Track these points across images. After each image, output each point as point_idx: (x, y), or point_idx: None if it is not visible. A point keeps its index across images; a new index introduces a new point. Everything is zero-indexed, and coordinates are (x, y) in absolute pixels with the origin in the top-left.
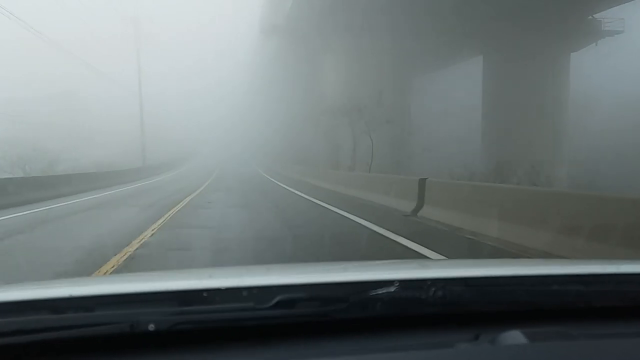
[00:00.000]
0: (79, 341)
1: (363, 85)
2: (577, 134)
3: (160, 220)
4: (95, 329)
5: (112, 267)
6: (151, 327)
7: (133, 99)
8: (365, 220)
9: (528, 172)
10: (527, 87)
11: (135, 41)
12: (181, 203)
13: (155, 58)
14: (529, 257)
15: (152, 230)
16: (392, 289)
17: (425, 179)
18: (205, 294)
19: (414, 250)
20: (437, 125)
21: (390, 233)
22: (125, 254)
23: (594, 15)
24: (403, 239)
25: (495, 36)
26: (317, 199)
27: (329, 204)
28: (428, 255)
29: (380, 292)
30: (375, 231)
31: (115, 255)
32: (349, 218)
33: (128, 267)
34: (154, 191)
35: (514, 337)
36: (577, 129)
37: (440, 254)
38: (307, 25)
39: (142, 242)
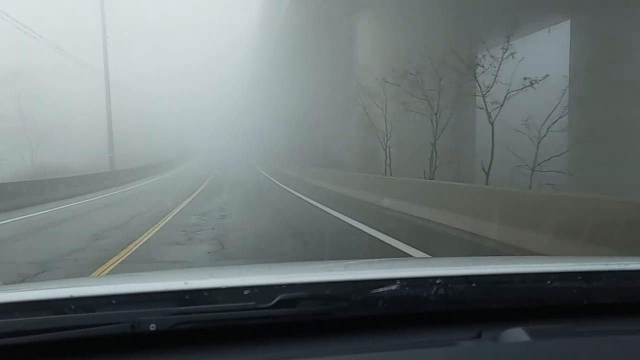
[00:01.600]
0: (80, 341)
1: (416, 57)
2: None
3: None
4: (96, 329)
5: None
6: (152, 327)
7: (113, 89)
8: None
9: None
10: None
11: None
12: None
13: (150, 55)
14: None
15: None
16: (393, 287)
17: None
18: (206, 294)
19: None
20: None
21: None
22: None
23: None
24: None
25: None
26: None
27: None
28: None
29: (382, 290)
30: None
31: None
32: None
33: None
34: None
35: (517, 334)
36: None
37: None
38: None
39: None
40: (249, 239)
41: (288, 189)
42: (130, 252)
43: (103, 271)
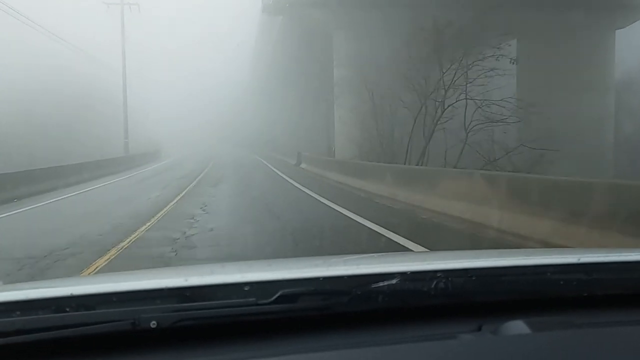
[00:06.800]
0: (80, 339)
1: None
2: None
3: None
4: (96, 327)
5: None
6: (153, 324)
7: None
8: None
9: None
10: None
11: None
12: None
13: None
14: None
15: None
16: (394, 281)
17: None
18: (206, 290)
19: None
20: None
21: None
22: None
23: None
24: None
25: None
26: None
27: None
28: None
29: (382, 284)
30: None
31: None
32: None
33: None
34: None
35: (517, 327)
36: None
37: None
38: None
39: None
40: None
41: None
42: None
43: None
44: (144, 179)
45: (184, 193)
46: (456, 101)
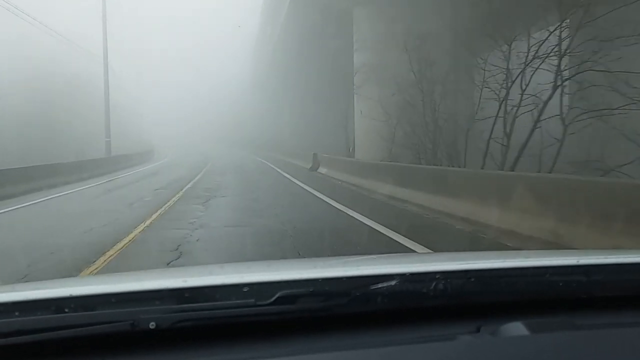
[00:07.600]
0: (79, 340)
1: None
2: None
3: None
4: (95, 328)
5: None
6: (152, 325)
7: None
8: None
9: None
10: None
11: None
12: None
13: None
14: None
15: None
16: (393, 282)
17: None
18: (206, 291)
19: None
20: None
21: None
22: None
23: None
24: None
25: None
26: None
27: None
28: None
29: (381, 286)
30: None
31: None
32: None
33: None
34: None
35: (516, 328)
36: None
37: None
38: None
39: None
40: None
41: None
42: None
43: None
44: (113, 189)
45: (154, 217)
46: (577, 73)
